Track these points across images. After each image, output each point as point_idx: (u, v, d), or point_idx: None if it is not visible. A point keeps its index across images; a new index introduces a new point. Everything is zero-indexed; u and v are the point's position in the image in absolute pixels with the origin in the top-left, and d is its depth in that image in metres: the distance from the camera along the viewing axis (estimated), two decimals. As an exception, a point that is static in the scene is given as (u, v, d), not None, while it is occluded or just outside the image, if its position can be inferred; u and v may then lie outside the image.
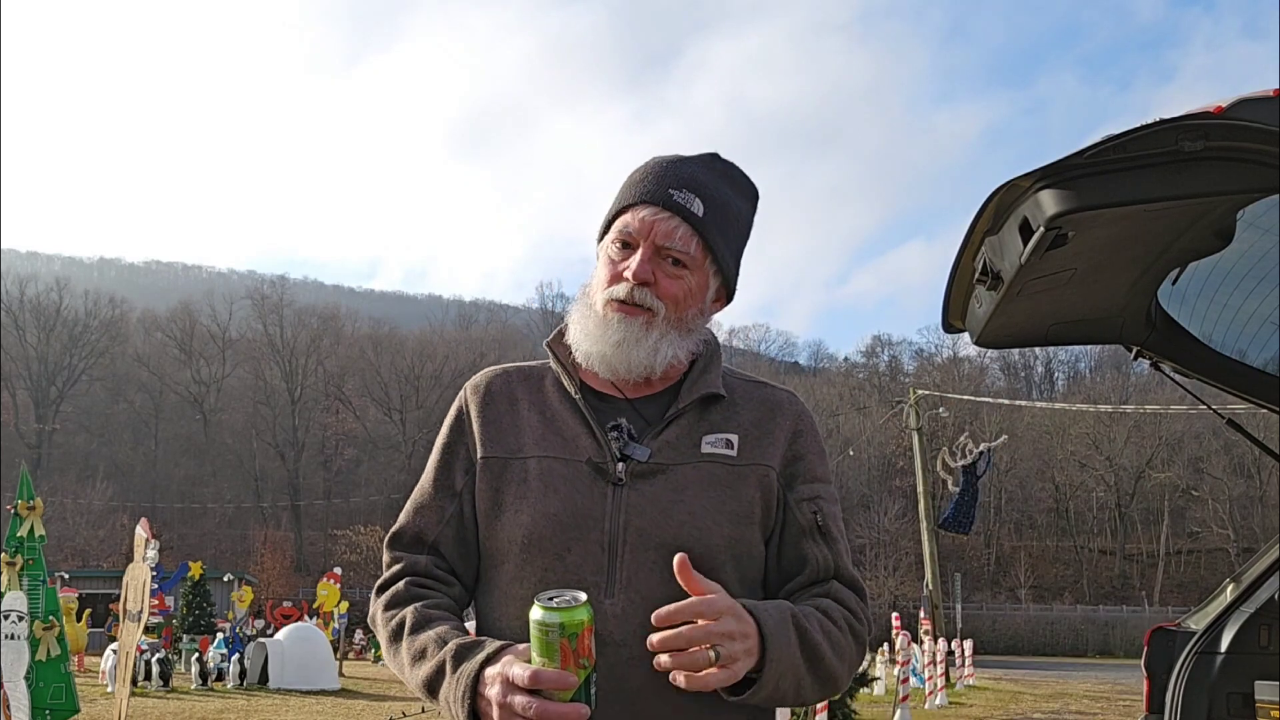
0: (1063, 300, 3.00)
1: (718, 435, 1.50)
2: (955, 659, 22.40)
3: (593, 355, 1.50)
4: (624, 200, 1.52)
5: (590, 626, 1.24)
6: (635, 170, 1.56)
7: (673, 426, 1.50)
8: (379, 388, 71.25)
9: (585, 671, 1.24)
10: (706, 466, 1.47)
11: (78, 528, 52.70)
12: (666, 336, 1.49)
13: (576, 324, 1.54)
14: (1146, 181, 2.19)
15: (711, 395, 1.53)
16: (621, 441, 1.47)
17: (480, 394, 1.60)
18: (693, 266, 1.49)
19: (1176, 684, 4.09)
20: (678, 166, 1.52)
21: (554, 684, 1.23)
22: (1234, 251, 2.83)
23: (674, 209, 1.47)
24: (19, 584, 7.54)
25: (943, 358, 72.15)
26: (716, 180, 1.53)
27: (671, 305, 1.49)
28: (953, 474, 18.48)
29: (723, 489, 1.46)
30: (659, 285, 1.48)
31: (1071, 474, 60.68)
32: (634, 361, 1.49)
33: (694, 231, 1.48)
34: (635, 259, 1.48)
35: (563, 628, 1.23)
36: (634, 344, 1.47)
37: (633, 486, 1.44)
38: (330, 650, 19.38)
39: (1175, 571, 57.82)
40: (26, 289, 72.80)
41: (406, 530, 1.59)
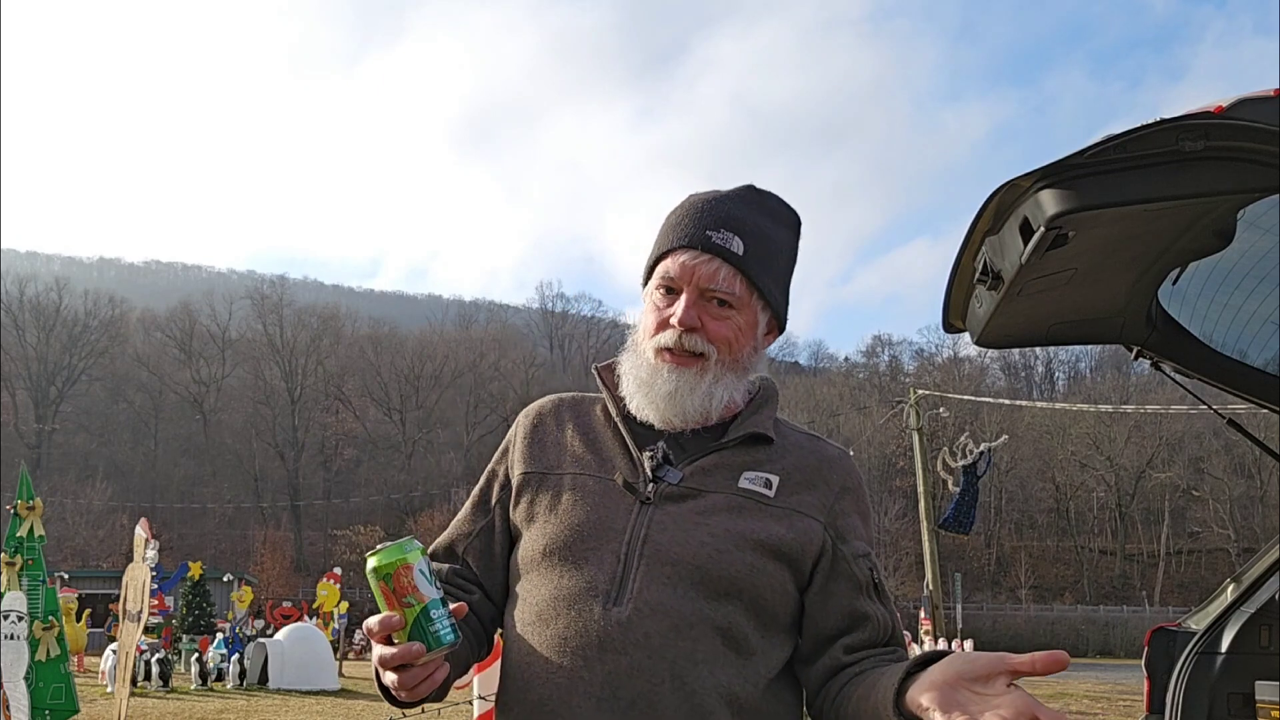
0: (1063, 300, 3.00)
1: (757, 474, 1.48)
2: (955, 659, 22.36)
3: (645, 407, 1.50)
4: (663, 245, 1.51)
5: (407, 564, 1.26)
6: (672, 212, 1.55)
7: (712, 456, 1.49)
8: (379, 388, 71.28)
9: (413, 610, 1.26)
10: (739, 500, 1.46)
11: (77, 528, 52.71)
12: (721, 380, 1.48)
13: (629, 374, 1.53)
14: (1147, 181, 2.19)
15: (759, 435, 1.51)
16: (655, 462, 1.48)
17: (530, 419, 1.65)
18: (739, 306, 1.48)
19: (1177, 684, 4.09)
20: (714, 206, 1.50)
21: (384, 627, 1.27)
22: (1234, 251, 2.83)
23: (713, 250, 1.46)
24: (19, 584, 7.54)
25: (943, 358, 72.23)
26: (754, 214, 1.51)
27: (724, 347, 1.48)
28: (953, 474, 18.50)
29: (751, 520, 1.44)
30: (707, 329, 1.47)
31: (1072, 474, 60.69)
32: (688, 410, 1.48)
33: (736, 271, 1.46)
34: (680, 305, 1.47)
35: (375, 571, 1.27)
36: (687, 393, 1.47)
37: (659, 506, 1.45)
38: (330, 650, 19.39)
39: (1176, 571, 57.83)
40: (26, 289, 72.83)
41: (440, 545, 1.65)
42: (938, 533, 28.16)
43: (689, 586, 1.39)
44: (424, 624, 1.27)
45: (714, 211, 1.49)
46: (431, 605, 1.27)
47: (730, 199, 1.52)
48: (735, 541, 1.42)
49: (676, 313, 1.46)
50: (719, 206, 1.50)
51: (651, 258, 1.53)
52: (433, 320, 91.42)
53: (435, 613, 1.28)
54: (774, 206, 1.56)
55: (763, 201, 1.55)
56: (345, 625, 26.46)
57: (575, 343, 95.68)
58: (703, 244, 1.46)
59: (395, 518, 61.12)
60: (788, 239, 1.56)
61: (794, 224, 1.58)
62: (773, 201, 1.56)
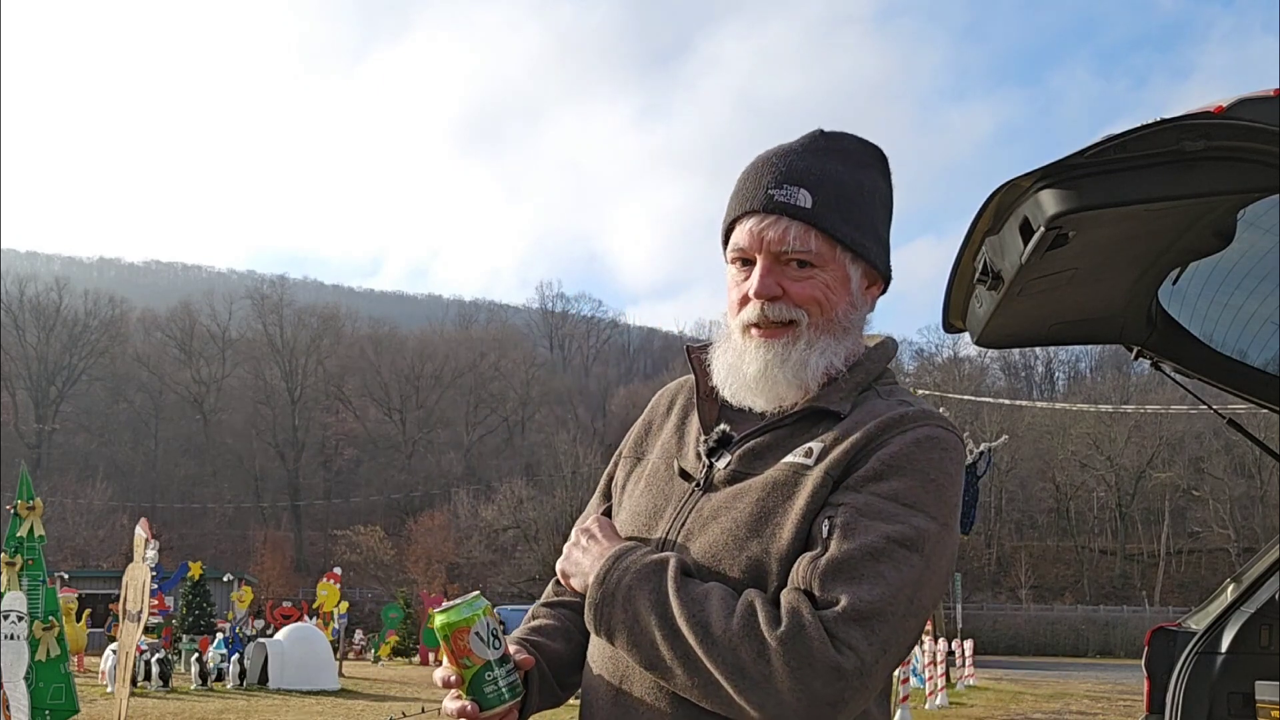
0: (1063, 300, 3.00)
1: (806, 445, 1.35)
2: (956, 659, 22.41)
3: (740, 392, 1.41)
4: (731, 215, 1.42)
5: (464, 628, 1.34)
6: (738, 178, 1.45)
7: (768, 435, 1.39)
8: (379, 388, 71.28)
9: (469, 670, 1.34)
10: (776, 473, 1.34)
11: (78, 528, 52.71)
12: (816, 344, 1.37)
13: (719, 359, 1.44)
14: (1147, 181, 2.19)
15: (822, 410, 1.37)
16: (709, 446, 1.42)
17: (656, 399, 1.64)
18: (821, 263, 1.37)
19: (1177, 684, 4.09)
20: (777, 161, 1.40)
21: (444, 684, 1.36)
22: (1234, 251, 2.83)
23: (778, 209, 1.36)
24: (19, 584, 7.54)
25: (943, 358, 72.13)
26: (823, 160, 1.39)
27: (814, 309, 1.37)
28: (953, 474, 18.45)
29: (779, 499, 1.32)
30: (790, 293, 1.37)
31: (1072, 474, 60.68)
32: (781, 386, 1.37)
33: (808, 226, 1.35)
34: (755, 275, 1.37)
35: (438, 630, 1.37)
36: (778, 367, 1.36)
37: (709, 492, 1.39)
38: (330, 650, 19.39)
39: (1176, 571, 57.82)
40: (26, 289, 72.82)
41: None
42: (938, 533, 28.13)
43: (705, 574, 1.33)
44: (479, 685, 1.35)
45: (775, 167, 1.39)
46: (486, 668, 1.34)
47: (794, 150, 1.41)
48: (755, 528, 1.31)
49: (753, 284, 1.37)
50: (781, 161, 1.39)
51: (723, 231, 1.44)
52: (433, 320, 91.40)
53: (490, 675, 1.35)
54: (848, 147, 1.43)
55: (834, 144, 1.42)
56: (345, 625, 26.46)
57: (575, 343, 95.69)
58: (766, 205, 1.36)
59: (395, 518, 61.14)
60: (871, 179, 1.42)
61: (875, 161, 1.44)
62: (847, 142, 1.43)
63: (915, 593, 1.24)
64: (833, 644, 1.19)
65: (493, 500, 56.83)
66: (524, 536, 55.44)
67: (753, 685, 1.20)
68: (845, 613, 1.20)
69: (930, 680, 17.28)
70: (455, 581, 50.60)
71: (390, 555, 55.74)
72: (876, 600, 1.21)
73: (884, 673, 1.24)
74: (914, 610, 1.25)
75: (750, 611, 1.22)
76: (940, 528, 1.28)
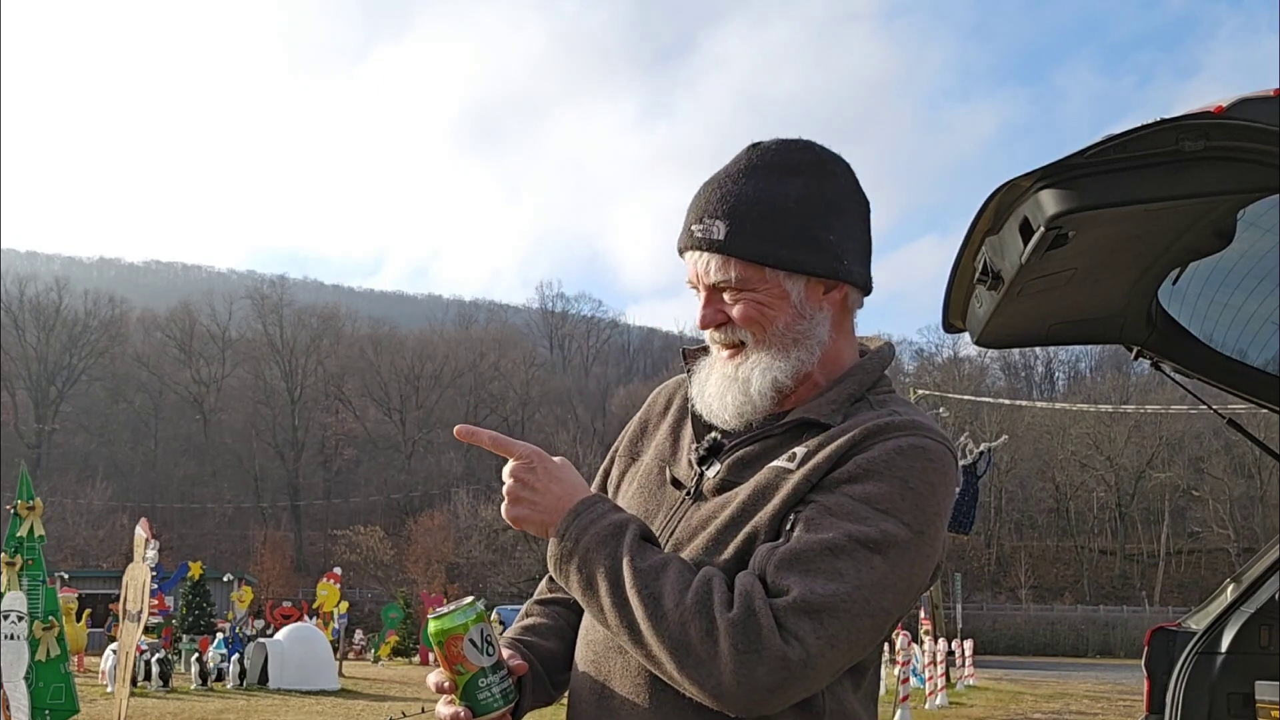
0: (1063, 300, 3.00)
1: (791, 451, 1.37)
2: (956, 659, 22.41)
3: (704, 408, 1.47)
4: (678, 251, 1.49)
5: (458, 634, 1.34)
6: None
7: (756, 444, 1.41)
8: (379, 388, 71.29)
9: (462, 678, 1.34)
10: (761, 479, 1.36)
11: (77, 528, 52.72)
12: (759, 363, 1.40)
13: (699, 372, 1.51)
14: (1147, 181, 2.19)
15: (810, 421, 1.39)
16: (699, 454, 1.45)
17: (653, 397, 1.66)
18: (750, 286, 1.39)
19: (1177, 684, 4.09)
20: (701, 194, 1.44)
21: (437, 690, 1.37)
22: (1234, 251, 2.83)
23: (698, 245, 1.41)
24: (19, 584, 7.54)
25: (943, 358, 72.15)
26: (742, 183, 1.40)
27: (755, 328, 1.40)
28: (953, 474, 18.44)
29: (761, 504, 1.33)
30: (734, 317, 1.41)
31: (1072, 474, 60.68)
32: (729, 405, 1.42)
33: (725, 256, 1.38)
34: (698, 307, 1.45)
35: (430, 638, 1.37)
36: (727, 386, 1.42)
37: (699, 501, 1.42)
38: (330, 650, 19.39)
39: (1175, 571, 57.82)
40: (26, 289, 72.83)
41: None
42: (938, 533, 28.13)
43: None
44: (472, 691, 1.35)
45: (699, 202, 1.43)
46: (480, 675, 1.35)
47: (718, 179, 1.43)
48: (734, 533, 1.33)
49: (697, 317, 1.46)
50: (704, 193, 1.43)
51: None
52: (433, 320, 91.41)
53: (483, 681, 1.35)
54: (774, 160, 1.42)
55: (761, 160, 1.42)
56: (345, 625, 26.46)
57: (575, 343, 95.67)
58: (689, 243, 1.42)
59: (395, 518, 61.14)
60: (799, 187, 1.40)
61: (807, 166, 1.42)
62: (773, 155, 1.42)
63: (873, 594, 1.23)
64: (780, 633, 1.19)
65: (492, 500, 56.79)
66: (524, 536, 55.36)
67: (696, 663, 1.21)
68: (795, 603, 1.20)
69: (930, 680, 17.28)
70: (455, 581, 50.62)
71: (390, 555, 55.75)
72: (829, 595, 1.21)
73: (830, 668, 1.23)
74: (870, 611, 1.23)
75: (705, 590, 1.23)
76: (913, 535, 1.27)
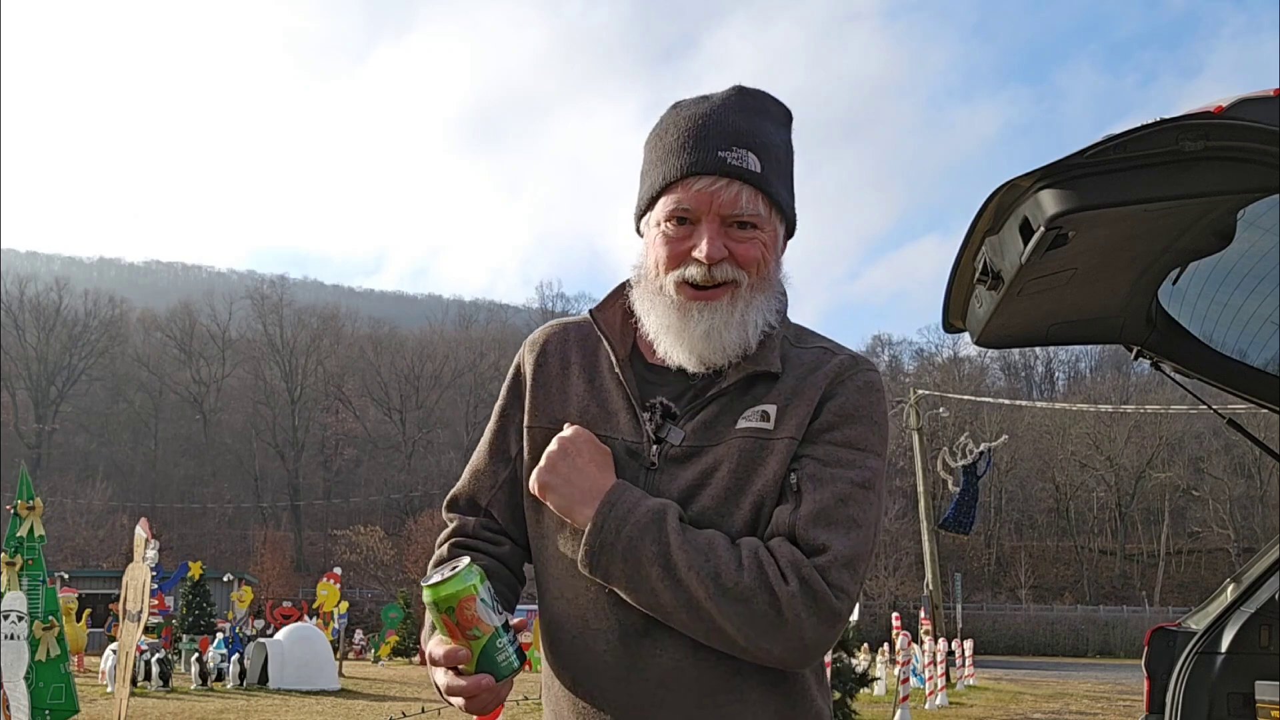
0: (1063, 300, 3.00)
1: (756, 408, 1.39)
2: (955, 659, 22.40)
3: (677, 350, 1.41)
4: (671, 173, 1.39)
5: (470, 596, 1.22)
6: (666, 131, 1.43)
7: (713, 405, 1.41)
8: (379, 388, 71.26)
9: (479, 641, 1.24)
10: (738, 443, 1.37)
11: (78, 528, 52.69)
12: (753, 304, 1.40)
13: (650, 315, 1.43)
14: (1147, 181, 2.19)
15: (761, 373, 1.42)
16: (655, 423, 1.41)
17: (536, 353, 1.54)
18: (762, 224, 1.39)
19: (1177, 684, 4.09)
20: (719, 120, 1.39)
21: (450, 661, 1.26)
22: (1234, 251, 2.83)
23: (731, 173, 1.36)
24: (19, 584, 7.54)
25: (943, 357, 72.15)
26: (758, 121, 1.41)
27: (754, 270, 1.39)
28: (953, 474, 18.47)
29: (750, 467, 1.37)
30: (735, 254, 1.38)
31: (1072, 474, 60.67)
32: (728, 345, 1.39)
33: (757, 191, 1.37)
34: (703, 237, 1.37)
35: (436, 605, 1.24)
36: (723, 328, 1.38)
37: (665, 470, 1.39)
38: (330, 650, 19.37)
39: (1175, 571, 57.81)
40: (26, 289, 72.80)
41: (462, 494, 1.57)
42: (938, 533, 28.17)
43: None
44: (491, 654, 1.25)
45: (720, 127, 1.38)
46: (496, 635, 1.24)
47: (730, 109, 1.40)
48: (735, 500, 1.36)
49: (701, 246, 1.37)
50: (723, 120, 1.39)
51: (654, 187, 1.42)
52: (433, 320, 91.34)
53: (501, 641, 1.25)
54: (769, 107, 1.44)
55: (760, 104, 1.43)
56: (345, 625, 26.45)
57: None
58: (719, 168, 1.36)
59: (395, 518, 61.11)
60: (786, 139, 1.45)
61: (788, 121, 1.47)
62: (766, 101, 1.45)
63: (876, 526, 1.37)
64: (831, 591, 1.29)
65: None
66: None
67: (763, 633, 1.28)
68: (835, 560, 1.30)
69: (930, 680, 17.27)
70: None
71: (390, 555, 55.71)
72: (855, 543, 1.33)
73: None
74: (876, 541, 1.38)
75: (759, 563, 1.29)
76: (882, 461, 1.41)
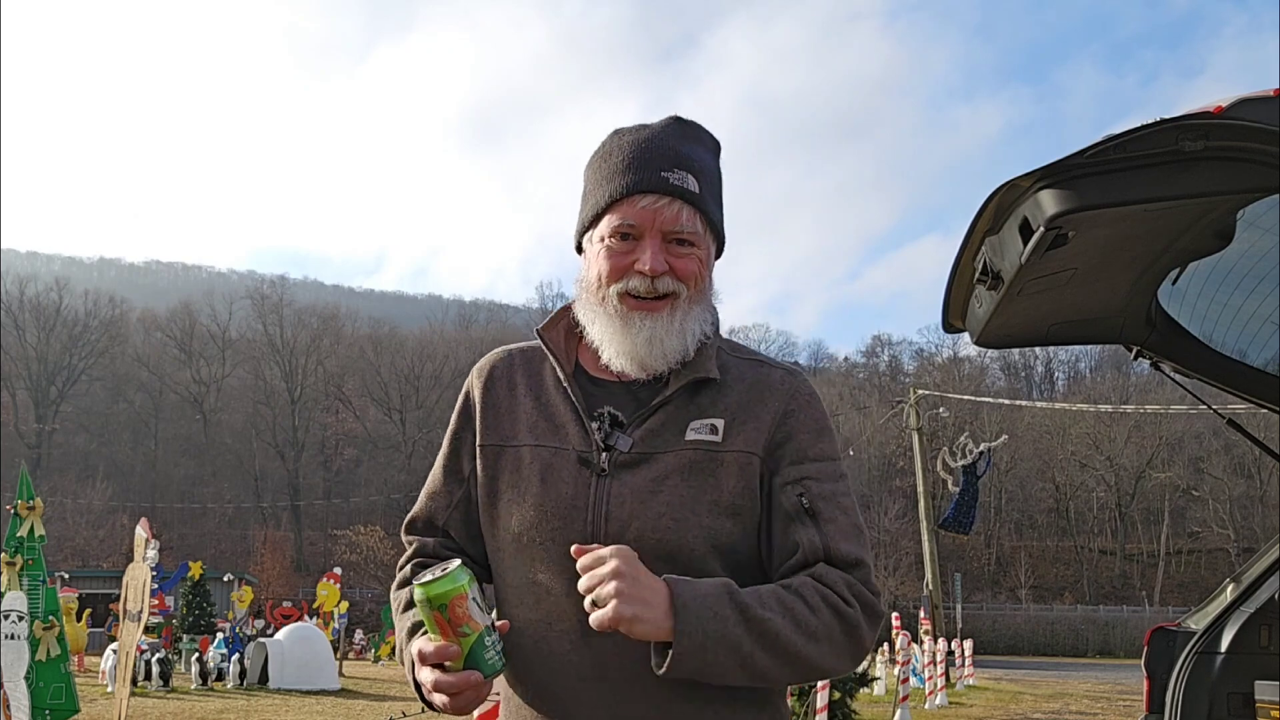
0: (1063, 300, 3.00)
1: (703, 420, 1.49)
2: (955, 659, 22.40)
3: (620, 356, 1.50)
4: (617, 191, 1.49)
5: (462, 594, 1.28)
6: (608, 155, 1.53)
7: (659, 413, 1.49)
8: (379, 388, 71.25)
9: (468, 639, 1.29)
10: (689, 454, 1.46)
11: (78, 528, 52.69)
12: (691, 314, 1.50)
13: (594, 324, 1.52)
14: (1146, 181, 2.19)
15: (702, 380, 1.51)
16: (604, 431, 1.48)
17: (484, 378, 1.64)
18: (699, 242, 1.50)
19: (1177, 684, 4.09)
20: (660, 144, 1.50)
21: (439, 657, 1.32)
22: (1234, 251, 2.84)
23: (674, 192, 1.47)
24: (19, 584, 7.54)
25: (943, 358, 72.14)
26: (694, 148, 1.53)
27: (692, 283, 1.50)
28: (953, 474, 18.49)
29: (703, 477, 1.45)
30: (674, 268, 1.48)
31: (1071, 474, 60.67)
32: (669, 351, 1.49)
33: (695, 210, 1.48)
34: (646, 251, 1.47)
35: (429, 602, 1.29)
36: (665, 336, 1.48)
37: (616, 476, 1.45)
38: (330, 650, 19.38)
39: (1175, 571, 57.81)
40: (26, 289, 72.78)
41: (419, 516, 1.66)
42: (938, 533, 28.16)
43: (655, 560, 1.38)
44: (479, 652, 1.30)
45: (662, 151, 1.49)
46: (485, 632, 1.31)
47: (670, 135, 1.52)
48: (691, 507, 1.43)
49: (644, 259, 1.47)
50: (665, 144, 1.50)
51: (599, 205, 1.51)
52: (433, 320, 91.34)
53: (489, 639, 1.31)
54: (703, 135, 1.57)
55: (694, 132, 1.55)
56: (345, 625, 26.45)
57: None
58: (661, 187, 1.46)
59: (395, 518, 61.06)
60: (718, 166, 1.59)
61: (719, 149, 1.61)
62: (700, 131, 1.57)
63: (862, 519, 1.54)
64: (876, 599, 1.44)
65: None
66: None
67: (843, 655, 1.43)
68: (870, 568, 1.46)
69: (930, 680, 17.27)
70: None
71: (390, 555, 55.68)
72: (866, 545, 1.49)
73: None
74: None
75: (822, 597, 1.41)
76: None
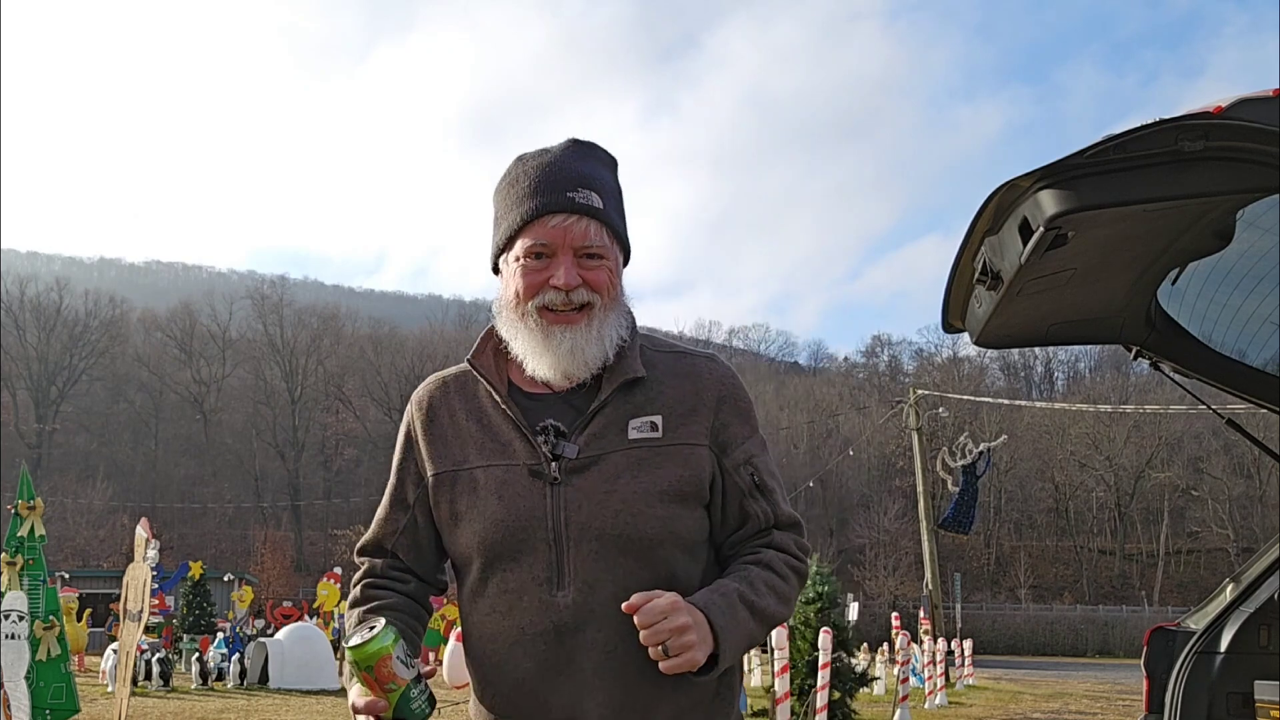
0: (1063, 300, 3.00)
1: (643, 419, 1.59)
2: (955, 659, 22.41)
3: (545, 368, 1.59)
4: (528, 214, 1.58)
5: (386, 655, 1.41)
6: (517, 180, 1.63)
7: (598, 417, 1.59)
8: (379, 388, 71.23)
9: (394, 693, 1.42)
10: (635, 452, 1.57)
11: (78, 528, 52.69)
12: (607, 322, 1.60)
13: (517, 340, 1.62)
14: (1146, 181, 2.19)
15: (631, 380, 1.61)
16: (550, 442, 1.57)
17: (423, 410, 1.71)
18: (607, 253, 1.60)
19: (1176, 684, 4.09)
20: (563, 166, 1.60)
21: (369, 711, 1.44)
22: (1234, 251, 2.84)
23: (580, 210, 1.57)
24: (19, 584, 7.54)
25: (943, 358, 72.16)
26: (594, 166, 1.63)
27: (604, 293, 1.60)
28: (952, 474, 18.49)
29: (651, 471, 1.56)
30: (587, 281, 1.58)
31: (1071, 474, 60.67)
32: (590, 359, 1.58)
33: (601, 225, 1.59)
34: (560, 267, 1.57)
35: (357, 664, 1.42)
36: (584, 344, 1.57)
37: (568, 483, 1.55)
38: (330, 650, 19.36)
39: (1175, 571, 57.81)
40: (26, 289, 72.77)
41: (370, 541, 1.77)
42: (937, 533, 28.15)
43: (618, 555, 1.52)
44: (405, 704, 1.43)
45: (565, 173, 1.59)
46: (409, 687, 1.43)
47: (570, 157, 1.62)
48: (644, 500, 1.54)
49: (559, 275, 1.56)
50: (567, 166, 1.60)
51: (512, 227, 1.61)
52: (433, 320, 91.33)
53: (414, 691, 1.43)
54: (600, 154, 1.67)
55: (593, 153, 1.66)
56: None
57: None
58: (569, 206, 1.57)
59: (395, 518, 61.05)
60: (617, 180, 1.69)
61: (616, 165, 1.71)
62: (598, 150, 1.68)
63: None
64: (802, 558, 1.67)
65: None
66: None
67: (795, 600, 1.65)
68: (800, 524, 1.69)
69: (930, 680, 17.28)
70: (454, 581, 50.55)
71: (390, 555, 55.73)
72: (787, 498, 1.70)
73: None
74: None
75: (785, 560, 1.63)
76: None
